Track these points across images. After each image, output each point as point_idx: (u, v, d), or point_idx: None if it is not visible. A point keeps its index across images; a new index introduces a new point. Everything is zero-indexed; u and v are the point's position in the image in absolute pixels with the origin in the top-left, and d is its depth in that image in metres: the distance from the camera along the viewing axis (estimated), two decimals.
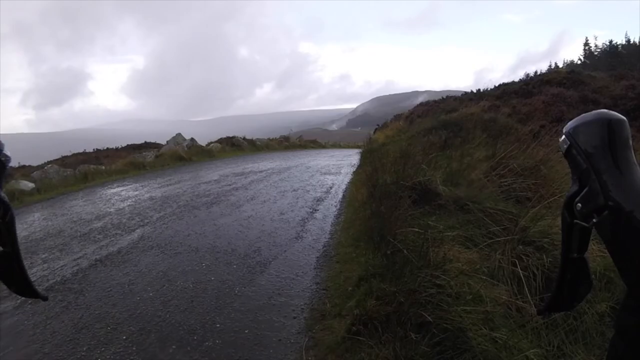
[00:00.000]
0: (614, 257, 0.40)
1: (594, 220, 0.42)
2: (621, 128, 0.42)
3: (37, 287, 0.57)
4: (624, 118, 0.43)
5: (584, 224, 0.43)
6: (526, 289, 2.26)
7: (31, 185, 7.38)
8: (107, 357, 2.00)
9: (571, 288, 0.48)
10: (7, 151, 0.50)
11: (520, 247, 2.54)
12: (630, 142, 0.42)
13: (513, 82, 16.34)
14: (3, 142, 0.49)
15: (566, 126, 0.46)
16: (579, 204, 0.43)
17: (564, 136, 0.45)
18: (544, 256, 2.41)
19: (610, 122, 0.42)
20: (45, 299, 0.60)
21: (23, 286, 0.55)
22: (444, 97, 19.72)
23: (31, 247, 3.83)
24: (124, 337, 2.17)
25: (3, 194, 0.49)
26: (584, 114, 0.45)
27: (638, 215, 0.38)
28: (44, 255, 3.58)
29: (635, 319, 0.38)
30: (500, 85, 16.56)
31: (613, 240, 0.40)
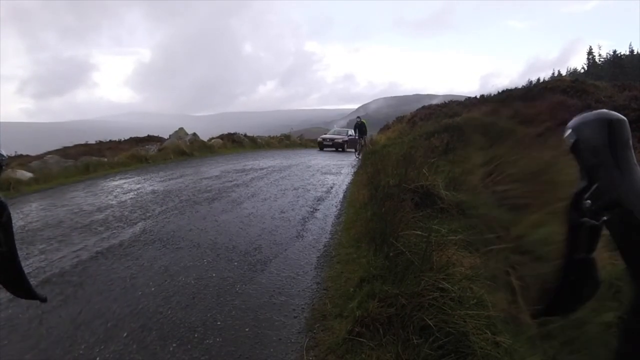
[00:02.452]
0: (625, 257, 0.39)
1: (605, 217, 0.40)
2: (622, 128, 0.42)
3: (35, 289, 0.55)
4: (624, 118, 0.43)
5: (594, 221, 0.41)
6: (520, 298, 2.24)
7: (29, 174, 7.30)
8: (107, 356, 1.97)
9: (574, 290, 0.46)
10: (3, 150, 0.49)
11: (515, 256, 2.52)
12: (631, 142, 0.42)
13: (517, 88, 16.36)
14: (1, 133, 0.48)
15: (571, 122, 0.45)
16: (589, 201, 0.42)
17: (570, 130, 0.45)
18: (540, 266, 2.38)
19: (611, 122, 0.42)
20: (44, 300, 0.59)
21: (20, 287, 0.54)
22: (447, 101, 19.71)
23: (27, 238, 3.81)
24: (125, 335, 2.15)
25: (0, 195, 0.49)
26: (584, 114, 0.45)
27: (639, 215, 0.37)
28: (41, 246, 3.55)
29: None
30: (504, 90, 16.58)
31: (624, 239, 0.39)
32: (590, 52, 38.96)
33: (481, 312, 1.93)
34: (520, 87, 16.95)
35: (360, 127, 14.12)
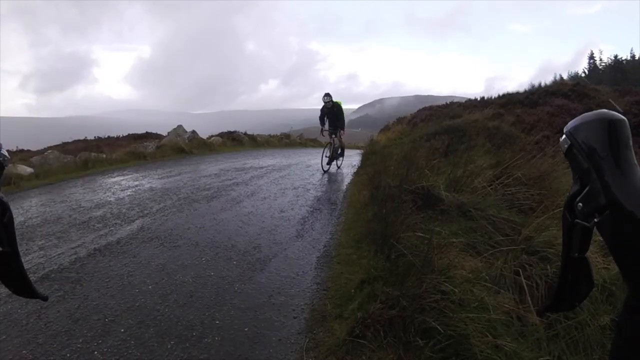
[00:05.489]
0: (615, 257, 0.40)
1: (595, 220, 0.42)
2: (622, 128, 0.42)
3: (36, 287, 0.56)
4: (625, 118, 0.43)
5: (585, 223, 0.43)
6: (529, 298, 2.25)
7: (29, 170, 7.31)
8: (105, 350, 1.96)
9: (572, 288, 0.48)
10: (4, 150, 0.49)
11: (524, 256, 2.53)
12: (631, 142, 0.42)
13: (518, 93, 16.33)
14: (2, 129, 0.47)
15: (567, 125, 0.46)
16: (580, 204, 0.43)
17: (564, 136, 0.46)
18: (548, 266, 2.40)
19: (611, 122, 0.42)
20: (45, 299, 0.60)
21: (22, 286, 0.55)
22: (448, 102, 19.70)
23: (27, 234, 3.78)
24: (122, 330, 2.14)
25: (2, 194, 0.48)
26: (584, 114, 0.45)
27: (639, 215, 0.37)
28: (40, 242, 3.53)
29: (634, 318, 0.38)
30: (504, 94, 16.54)
31: (614, 240, 0.40)
32: (591, 57, 39.09)
33: (482, 315, 1.92)
34: (522, 91, 16.92)
35: (332, 113, 7.86)
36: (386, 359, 1.78)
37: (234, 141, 13.98)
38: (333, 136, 8.05)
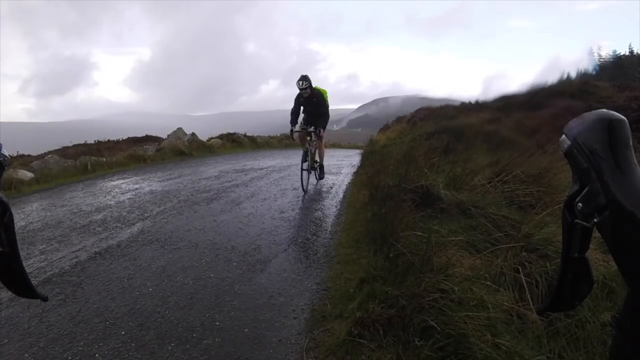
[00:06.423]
0: (615, 257, 0.40)
1: (595, 220, 0.42)
2: (622, 128, 0.42)
3: (36, 288, 0.56)
4: (624, 118, 0.43)
5: (585, 223, 0.43)
6: (528, 296, 2.25)
7: (30, 174, 7.32)
8: (106, 352, 1.97)
9: (572, 287, 0.48)
10: (4, 151, 0.50)
11: (524, 253, 2.54)
12: (631, 142, 0.42)
13: (516, 95, 16.17)
14: (2, 134, 0.48)
15: (566, 125, 0.46)
16: (580, 204, 0.43)
17: (564, 135, 0.45)
18: (547, 263, 2.40)
19: (610, 122, 0.42)
20: (45, 299, 0.60)
21: (22, 287, 0.55)
22: (444, 104, 19.67)
23: (28, 238, 3.79)
24: (123, 333, 2.15)
25: (2, 194, 0.49)
26: (584, 114, 0.45)
27: (639, 215, 0.37)
28: (42, 247, 3.54)
29: (634, 318, 0.39)
30: (503, 96, 16.37)
31: (614, 240, 0.40)
32: (591, 53, 39.06)
33: (481, 313, 1.92)
34: (523, 91, 16.76)
35: (311, 105, 5.95)
36: (385, 358, 1.78)
37: (234, 143, 13.99)
38: (308, 138, 5.88)
